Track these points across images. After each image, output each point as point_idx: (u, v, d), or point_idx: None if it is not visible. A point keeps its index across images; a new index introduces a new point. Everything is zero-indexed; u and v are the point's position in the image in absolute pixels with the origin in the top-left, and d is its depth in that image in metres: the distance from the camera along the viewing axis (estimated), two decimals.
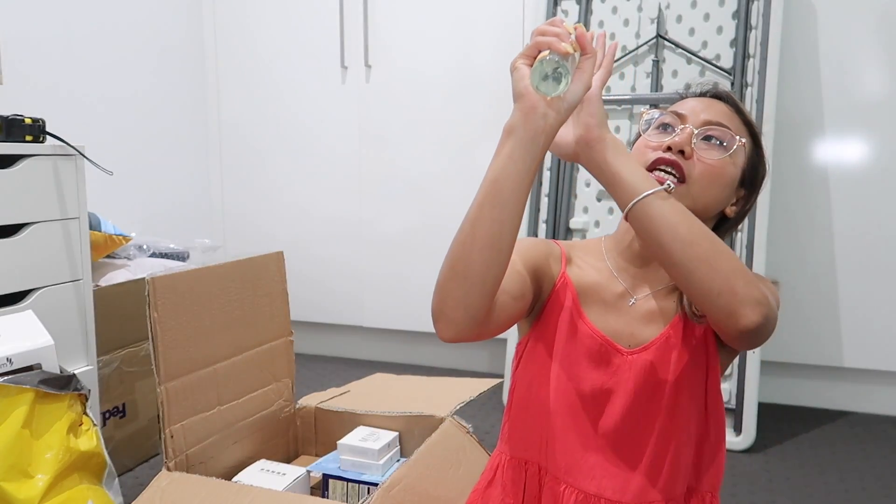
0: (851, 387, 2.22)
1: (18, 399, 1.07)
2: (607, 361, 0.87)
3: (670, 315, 0.88)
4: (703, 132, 0.86)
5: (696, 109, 0.88)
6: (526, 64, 0.73)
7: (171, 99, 2.77)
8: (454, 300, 0.75)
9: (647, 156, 0.86)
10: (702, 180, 0.85)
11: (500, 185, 0.75)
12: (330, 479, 1.39)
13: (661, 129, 0.89)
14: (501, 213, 0.74)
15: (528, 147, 0.74)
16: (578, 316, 0.89)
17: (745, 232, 1.94)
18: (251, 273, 1.47)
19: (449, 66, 2.53)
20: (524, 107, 0.73)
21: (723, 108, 0.89)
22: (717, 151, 0.86)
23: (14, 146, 1.39)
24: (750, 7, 2.00)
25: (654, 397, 0.86)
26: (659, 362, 0.86)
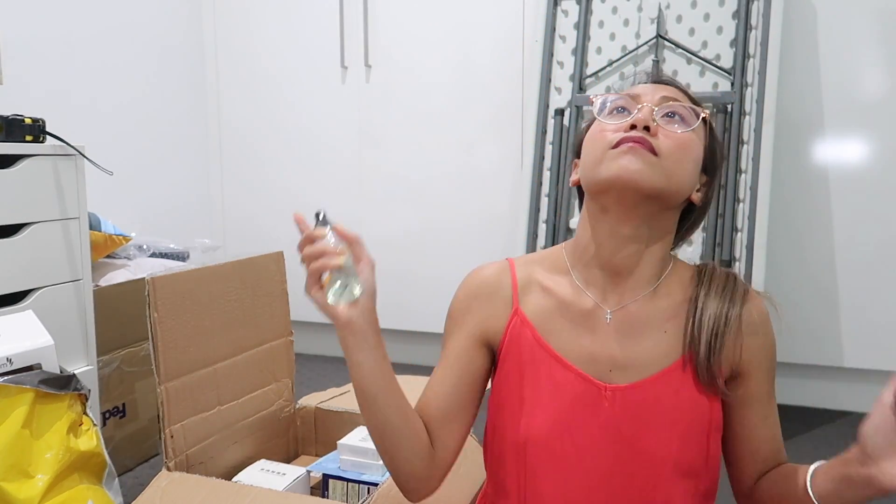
0: (851, 387, 2.22)
1: (18, 399, 1.07)
2: (585, 397, 0.80)
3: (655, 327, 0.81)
4: (663, 109, 0.81)
5: (647, 90, 0.83)
6: (318, 290, 0.80)
7: (171, 99, 2.76)
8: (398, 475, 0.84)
9: (608, 138, 0.79)
10: (673, 153, 0.78)
11: (363, 388, 0.81)
12: (330, 479, 1.39)
13: (616, 113, 0.82)
14: (380, 408, 0.81)
15: (364, 349, 0.80)
16: (544, 351, 0.82)
17: (744, 232, 1.94)
18: (251, 273, 1.47)
19: (449, 66, 2.53)
20: (341, 325, 0.80)
21: (672, 89, 0.85)
22: (681, 126, 0.81)
23: (14, 146, 1.39)
24: (750, 7, 2.00)
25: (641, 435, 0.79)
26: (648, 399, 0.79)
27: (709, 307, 0.80)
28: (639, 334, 0.81)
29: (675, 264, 0.86)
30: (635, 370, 0.80)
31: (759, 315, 0.83)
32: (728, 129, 2.00)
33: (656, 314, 0.82)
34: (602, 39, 2.17)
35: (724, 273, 0.85)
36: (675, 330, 0.81)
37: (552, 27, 2.23)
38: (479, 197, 2.52)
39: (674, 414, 0.79)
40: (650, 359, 0.80)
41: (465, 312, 0.88)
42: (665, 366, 0.80)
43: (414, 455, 0.83)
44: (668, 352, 0.81)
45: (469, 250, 2.54)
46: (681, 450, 0.79)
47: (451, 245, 2.58)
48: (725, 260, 1.95)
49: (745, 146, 1.97)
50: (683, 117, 0.81)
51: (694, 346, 0.79)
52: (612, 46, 2.15)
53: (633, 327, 0.82)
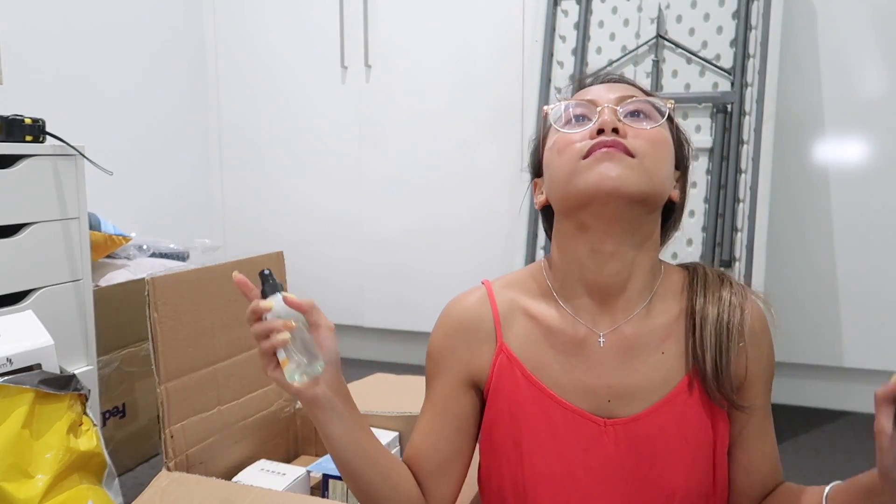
0: (851, 387, 2.22)
1: (18, 399, 1.07)
2: (585, 436, 0.75)
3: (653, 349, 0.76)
4: (625, 108, 0.75)
5: (602, 92, 0.77)
6: (274, 369, 0.74)
7: (171, 99, 2.77)
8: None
9: (576, 148, 0.73)
10: (649, 152, 0.72)
11: (341, 459, 0.78)
12: (330, 479, 1.39)
13: (576, 122, 0.76)
14: (359, 474, 0.78)
15: (335, 421, 0.76)
16: (535, 389, 0.77)
17: (745, 232, 1.94)
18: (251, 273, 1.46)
19: (449, 66, 2.53)
20: (306, 402, 0.75)
21: (626, 86, 0.79)
22: (648, 123, 0.75)
23: (14, 146, 1.39)
24: (750, 7, 2.00)
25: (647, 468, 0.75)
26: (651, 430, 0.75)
27: (708, 320, 0.75)
28: (636, 358, 0.76)
29: (666, 271, 0.81)
30: (636, 399, 0.76)
31: (759, 322, 0.78)
32: (728, 129, 2.00)
33: (652, 334, 0.77)
34: (602, 39, 2.17)
35: (718, 275, 0.80)
36: (674, 349, 0.77)
37: (552, 27, 2.23)
38: (479, 197, 2.52)
39: (680, 442, 0.75)
40: (650, 385, 0.76)
41: (447, 354, 0.83)
42: (666, 392, 0.76)
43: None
44: (667, 376, 0.76)
45: (469, 250, 2.54)
46: (689, 477, 0.75)
47: (451, 245, 2.58)
48: (725, 260, 1.95)
49: (745, 146, 1.97)
50: (647, 114, 0.76)
51: (699, 364, 0.75)
52: (612, 46, 2.15)
53: (629, 351, 0.76)
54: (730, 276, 0.81)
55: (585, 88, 0.80)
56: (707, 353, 0.74)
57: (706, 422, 0.76)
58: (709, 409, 0.76)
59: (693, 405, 0.75)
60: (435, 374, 0.84)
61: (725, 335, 0.74)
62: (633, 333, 0.77)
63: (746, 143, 1.97)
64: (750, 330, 0.77)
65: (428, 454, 0.82)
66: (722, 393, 0.74)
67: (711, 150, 2.01)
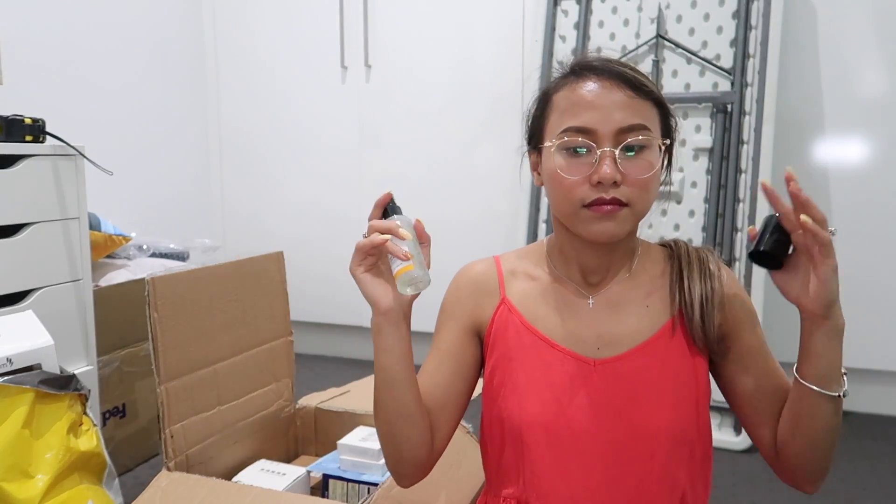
0: (852, 387, 2.21)
1: (18, 399, 1.07)
2: (575, 375, 0.83)
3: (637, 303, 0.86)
4: (623, 146, 0.79)
5: (601, 114, 0.79)
6: (364, 271, 0.81)
7: (171, 99, 2.77)
8: (395, 460, 0.87)
9: (577, 193, 0.79)
10: (640, 198, 0.81)
11: (386, 372, 0.83)
12: (330, 479, 1.39)
13: (575, 154, 0.80)
14: (397, 392, 0.83)
15: (395, 335, 0.82)
16: (532, 334, 0.87)
17: (744, 232, 1.94)
18: (251, 273, 1.47)
19: (449, 66, 2.53)
20: (381, 311, 0.81)
21: (625, 94, 0.80)
22: (643, 157, 0.80)
23: (14, 146, 1.39)
24: (750, 7, 2.00)
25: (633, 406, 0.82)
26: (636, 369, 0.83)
27: (694, 273, 0.86)
28: (622, 311, 0.86)
29: (642, 244, 0.92)
30: (621, 343, 0.85)
31: (730, 276, 0.88)
32: (728, 129, 2.00)
33: (636, 290, 0.87)
34: (602, 39, 2.17)
35: (696, 248, 0.90)
36: (657, 304, 0.86)
37: (552, 27, 2.23)
38: (479, 196, 2.52)
39: (662, 383, 0.82)
40: (635, 332, 0.85)
41: (456, 305, 0.92)
42: (649, 335, 0.85)
43: (421, 441, 0.85)
44: (651, 324, 0.85)
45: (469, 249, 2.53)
46: (673, 418, 0.82)
47: (451, 244, 2.57)
48: (725, 260, 1.96)
49: (745, 146, 1.98)
50: (644, 146, 0.81)
51: (686, 310, 0.84)
52: (612, 46, 2.15)
53: (616, 306, 0.87)
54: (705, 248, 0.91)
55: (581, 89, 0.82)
56: (695, 300, 0.84)
57: (687, 365, 0.84)
58: (689, 354, 0.85)
59: (674, 349, 0.84)
60: (444, 323, 0.93)
61: (709, 285, 0.85)
62: (619, 291, 0.87)
63: (746, 143, 1.97)
64: (728, 283, 0.87)
65: (432, 392, 0.89)
66: (706, 335, 0.83)
67: (711, 150, 2.01)
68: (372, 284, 0.81)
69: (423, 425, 0.85)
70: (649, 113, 0.82)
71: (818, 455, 0.82)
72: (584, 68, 0.83)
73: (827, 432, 0.81)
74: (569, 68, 0.86)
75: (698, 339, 0.84)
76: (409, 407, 0.84)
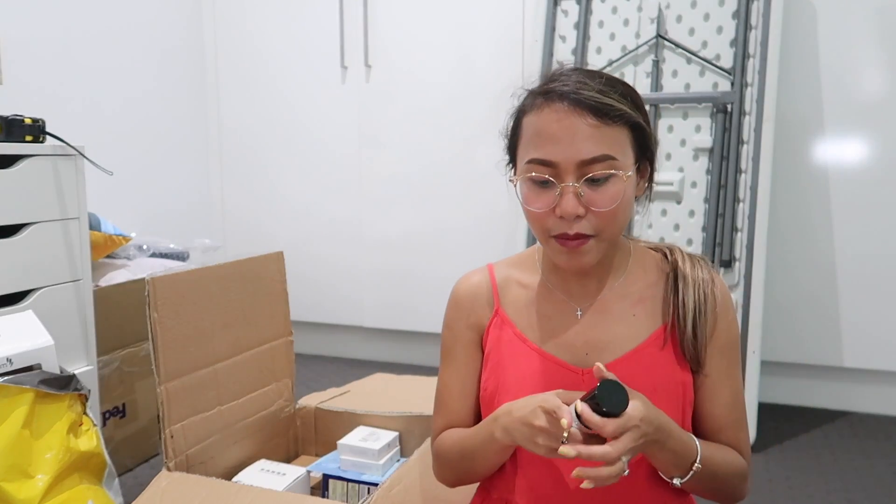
0: (851, 387, 2.22)
1: (18, 399, 1.07)
2: (564, 383, 0.85)
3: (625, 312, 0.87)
4: (585, 180, 0.79)
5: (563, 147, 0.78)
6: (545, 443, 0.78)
7: (170, 99, 2.77)
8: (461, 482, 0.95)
9: (544, 223, 0.81)
10: (608, 229, 0.80)
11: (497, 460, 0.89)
12: (330, 479, 1.39)
13: (540, 186, 0.81)
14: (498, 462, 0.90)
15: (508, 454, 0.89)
16: (523, 343, 0.89)
17: (745, 232, 1.94)
18: (251, 273, 1.47)
19: (449, 66, 2.53)
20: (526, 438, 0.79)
21: (587, 123, 0.78)
22: (608, 188, 0.79)
23: (14, 146, 1.39)
24: (750, 7, 2.00)
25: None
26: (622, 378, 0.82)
27: (689, 287, 0.87)
28: (610, 320, 0.88)
29: (636, 251, 0.92)
30: (609, 351, 0.87)
31: (723, 295, 0.89)
32: (728, 129, 2.00)
33: (625, 301, 0.89)
34: (602, 39, 2.17)
35: (689, 256, 0.90)
36: (645, 312, 0.88)
37: (552, 27, 2.23)
38: (479, 196, 2.52)
39: (648, 389, 0.83)
40: (622, 340, 0.87)
41: (459, 323, 0.95)
42: (636, 344, 0.86)
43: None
44: (638, 333, 0.87)
45: (469, 250, 2.54)
46: None
47: (452, 244, 2.58)
48: (725, 260, 1.96)
49: (745, 146, 1.97)
50: (608, 176, 0.79)
51: (679, 323, 0.86)
52: (612, 46, 2.15)
53: (604, 314, 0.88)
54: (700, 257, 0.92)
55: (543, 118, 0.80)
56: (688, 315, 0.85)
57: (674, 375, 0.86)
58: (677, 364, 0.86)
59: (661, 358, 0.86)
60: (452, 344, 0.95)
61: (702, 298, 0.86)
62: (608, 300, 0.89)
63: (746, 143, 1.97)
64: (720, 301, 0.88)
65: (465, 414, 0.93)
66: (696, 350, 0.85)
67: (711, 150, 2.01)
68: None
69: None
70: (617, 139, 0.80)
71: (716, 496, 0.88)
72: (550, 93, 0.81)
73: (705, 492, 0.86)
74: (538, 88, 0.84)
75: (688, 353, 0.86)
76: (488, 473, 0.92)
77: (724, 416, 0.89)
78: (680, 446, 0.80)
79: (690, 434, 0.84)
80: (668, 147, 2.06)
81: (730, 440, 0.90)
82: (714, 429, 0.89)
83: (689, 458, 0.81)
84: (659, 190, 2.03)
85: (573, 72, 0.83)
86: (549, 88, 0.82)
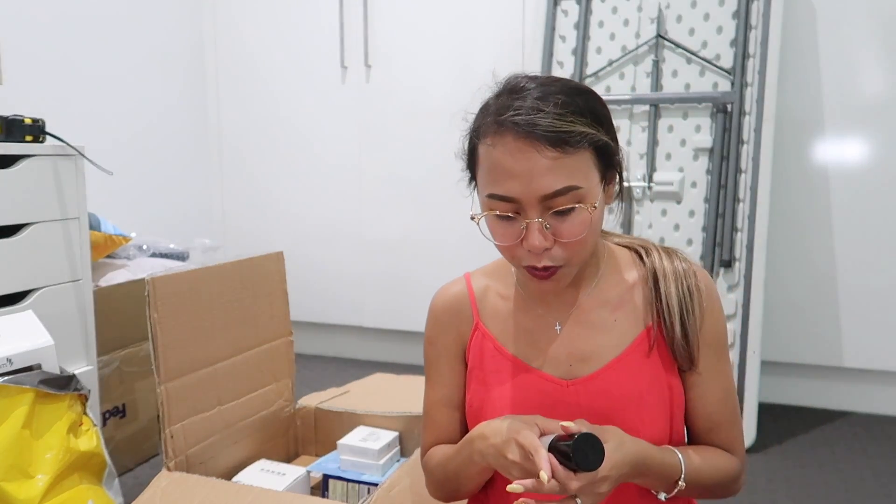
0: (851, 387, 2.22)
1: (18, 399, 1.07)
2: (549, 396, 0.84)
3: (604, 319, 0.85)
4: (548, 214, 0.76)
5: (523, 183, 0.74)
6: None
7: (171, 98, 2.77)
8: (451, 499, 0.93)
9: (514, 254, 0.79)
10: (577, 255, 0.78)
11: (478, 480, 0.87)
12: (330, 479, 1.39)
13: (503, 220, 0.78)
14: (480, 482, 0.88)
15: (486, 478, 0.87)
16: (505, 358, 0.87)
17: (744, 232, 1.94)
18: (251, 273, 1.47)
19: (449, 66, 2.53)
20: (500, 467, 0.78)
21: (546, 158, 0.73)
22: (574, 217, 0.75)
23: (14, 146, 1.39)
24: (750, 7, 2.00)
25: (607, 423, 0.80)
26: (608, 386, 0.83)
27: (671, 288, 0.84)
28: (590, 328, 0.86)
29: (608, 250, 0.90)
30: (593, 360, 0.85)
31: (707, 287, 0.86)
32: (728, 129, 2.00)
33: (604, 307, 0.86)
34: (602, 39, 2.17)
35: (664, 250, 0.88)
36: (625, 317, 0.86)
37: (552, 27, 2.23)
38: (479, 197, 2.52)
39: (636, 394, 0.82)
40: (604, 349, 0.85)
41: (441, 338, 0.93)
42: (620, 350, 0.85)
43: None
44: (620, 339, 0.85)
45: (469, 250, 2.54)
46: (648, 429, 0.82)
47: (451, 244, 2.58)
48: (725, 260, 1.96)
49: (745, 146, 1.97)
50: (573, 207, 0.75)
51: (666, 327, 0.83)
52: (612, 46, 2.15)
53: (584, 323, 0.86)
54: (674, 249, 0.89)
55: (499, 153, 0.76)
56: (675, 318, 0.83)
57: (660, 379, 0.84)
58: (663, 367, 0.84)
59: (647, 364, 0.84)
60: (436, 359, 0.93)
61: (688, 296, 0.84)
62: (587, 308, 0.87)
63: (746, 143, 1.97)
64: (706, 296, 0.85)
65: (454, 428, 0.92)
66: (688, 351, 0.83)
67: (711, 150, 2.01)
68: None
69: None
70: (579, 166, 0.75)
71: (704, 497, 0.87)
72: (504, 123, 0.76)
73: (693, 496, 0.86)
74: (491, 113, 0.79)
75: (680, 354, 0.84)
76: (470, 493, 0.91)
77: (717, 413, 0.88)
78: (660, 470, 0.79)
79: (672, 450, 0.81)
80: (668, 147, 2.06)
81: (722, 440, 0.88)
82: (707, 428, 0.88)
83: (673, 478, 0.80)
84: (659, 190, 2.03)
85: (527, 92, 0.77)
86: (501, 119, 0.76)
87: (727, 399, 0.89)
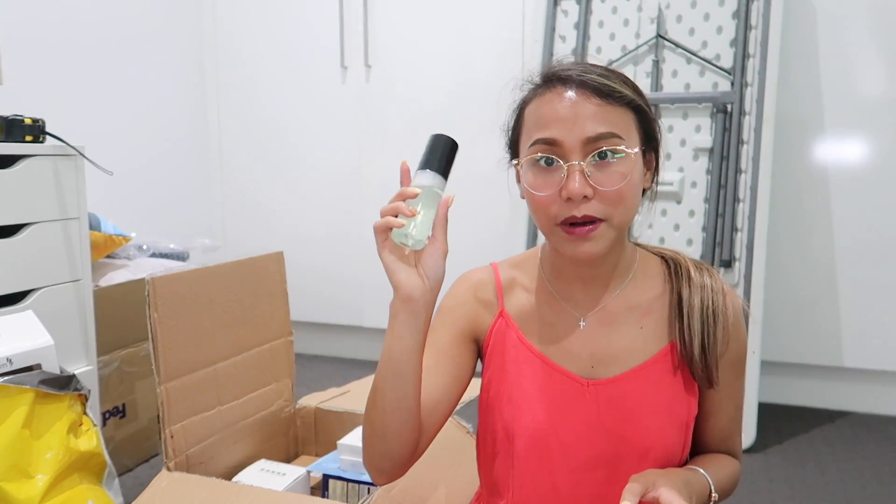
0: (851, 387, 2.22)
1: (18, 399, 1.07)
2: (568, 393, 0.84)
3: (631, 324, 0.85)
4: (591, 156, 0.77)
5: (568, 126, 0.77)
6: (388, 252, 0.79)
7: (171, 98, 2.77)
8: (379, 454, 0.85)
9: (550, 210, 0.78)
10: (617, 212, 0.78)
11: (394, 359, 0.80)
12: (330, 479, 1.39)
13: (544, 166, 0.79)
14: (401, 381, 0.81)
15: (412, 324, 0.79)
16: (527, 350, 0.86)
17: (745, 232, 1.94)
18: (251, 273, 1.47)
19: (449, 66, 2.53)
20: (402, 297, 0.79)
21: (593, 103, 0.77)
22: (617, 168, 0.77)
23: (14, 146, 1.39)
24: (750, 7, 2.00)
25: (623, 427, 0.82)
26: (628, 392, 0.83)
27: (695, 308, 0.84)
28: (615, 332, 0.85)
29: (642, 256, 0.90)
30: (615, 364, 0.84)
31: (735, 310, 0.86)
32: (728, 129, 2.00)
33: (631, 312, 0.86)
34: (602, 39, 2.17)
35: (696, 265, 0.88)
36: (652, 326, 0.85)
37: (552, 27, 2.23)
38: (480, 197, 2.52)
39: (654, 406, 0.82)
40: (628, 354, 0.84)
41: (456, 309, 0.91)
42: (644, 359, 0.84)
43: (411, 437, 0.83)
44: (645, 347, 0.85)
45: (469, 250, 2.54)
46: (661, 439, 0.82)
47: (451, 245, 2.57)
48: (725, 260, 1.96)
49: (745, 146, 1.97)
50: (615, 150, 0.77)
51: (685, 348, 0.83)
52: (612, 46, 2.15)
53: (609, 325, 0.86)
54: (706, 265, 0.89)
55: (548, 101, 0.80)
56: (695, 339, 0.82)
57: (681, 396, 0.84)
58: (683, 386, 0.84)
59: (668, 375, 0.84)
60: (441, 324, 0.90)
61: (711, 319, 0.83)
62: (613, 310, 0.86)
63: (746, 143, 1.97)
64: (733, 319, 0.85)
65: (427, 392, 0.86)
66: (707, 372, 0.83)
67: (711, 150, 2.01)
68: (396, 267, 0.79)
69: (416, 421, 0.83)
70: (623, 120, 0.79)
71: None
72: (552, 78, 0.81)
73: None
74: (539, 78, 0.84)
75: (698, 375, 0.84)
76: (409, 401, 0.81)
77: (727, 427, 0.89)
78: (700, 489, 0.80)
79: (698, 470, 0.83)
80: (668, 147, 2.06)
81: (728, 448, 0.90)
82: (716, 440, 0.89)
83: (705, 496, 0.81)
84: (659, 190, 2.02)
85: (574, 64, 0.83)
86: (551, 74, 0.81)
87: (737, 413, 0.90)
